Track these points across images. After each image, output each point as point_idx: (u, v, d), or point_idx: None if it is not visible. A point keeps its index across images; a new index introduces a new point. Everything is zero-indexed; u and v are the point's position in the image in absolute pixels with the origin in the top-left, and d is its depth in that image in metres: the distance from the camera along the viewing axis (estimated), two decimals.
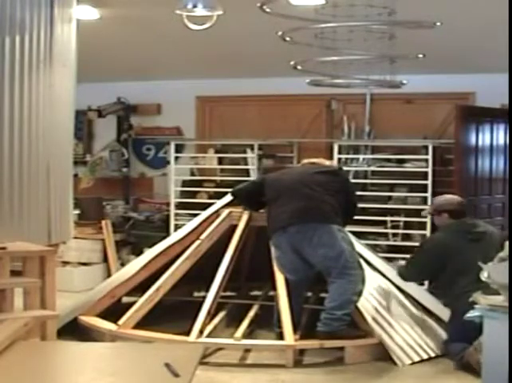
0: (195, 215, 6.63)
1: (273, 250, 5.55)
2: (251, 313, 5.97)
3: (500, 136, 8.00)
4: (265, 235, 5.60)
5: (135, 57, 8.05)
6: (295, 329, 5.32)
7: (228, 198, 6.14)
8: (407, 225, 7.87)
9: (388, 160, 8.09)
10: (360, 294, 5.33)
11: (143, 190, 9.33)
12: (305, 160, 6.00)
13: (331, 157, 7.96)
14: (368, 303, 5.52)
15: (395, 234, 7.86)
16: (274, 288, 5.69)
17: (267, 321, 5.77)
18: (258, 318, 5.98)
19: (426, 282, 5.98)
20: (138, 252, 8.06)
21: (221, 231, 5.93)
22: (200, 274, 5.81)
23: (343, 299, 5.24)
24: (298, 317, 5.53)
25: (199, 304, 5.48)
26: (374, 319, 5.43)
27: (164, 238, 6.57)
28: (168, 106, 9.32)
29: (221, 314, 5.94)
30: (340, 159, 8.05)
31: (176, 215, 8.48)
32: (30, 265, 4.91)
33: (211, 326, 5.52)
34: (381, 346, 5.27)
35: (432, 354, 5.36)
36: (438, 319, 5.78)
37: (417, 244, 7.65)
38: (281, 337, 5.32)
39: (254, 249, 6.32)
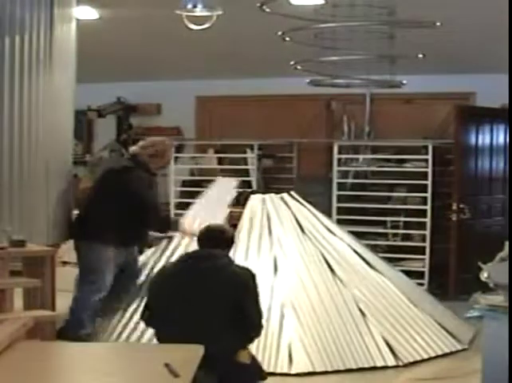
0: None
1: None
2: None
3: (500, 137, 7.99)
4: None
5: (135, 57, 8.05)
6: None
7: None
8: (407, 225, 7.87)
9: (388, 160, 8.08)
10: None
11: None
12: None
13: (331, 157, 7.97)
14: (368, 303, 5.52)
15: (395, 235, 7.86)
16: None
17: None
18: None
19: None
20: None
21: None
22: None
23: None
24: None
25: None
26: (374, 319, 5.43)
27: None
28: (168, 106, 9.31)
29: None
30: (339, 159, 8.04)
31: (176, 215, 8.46)
32: (30, 265, 4.91)
33: None
34: (378, 346, 5.27)
35: (432, 354, 5.36)
36: (437, 319, 5.79)
37: (417, 244, 7.70)
38: None
39: None
